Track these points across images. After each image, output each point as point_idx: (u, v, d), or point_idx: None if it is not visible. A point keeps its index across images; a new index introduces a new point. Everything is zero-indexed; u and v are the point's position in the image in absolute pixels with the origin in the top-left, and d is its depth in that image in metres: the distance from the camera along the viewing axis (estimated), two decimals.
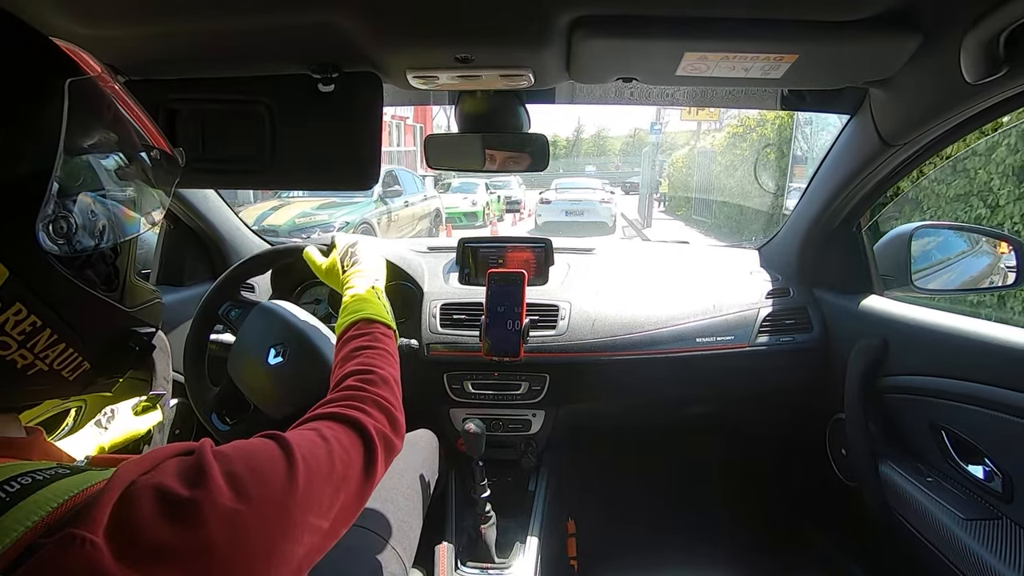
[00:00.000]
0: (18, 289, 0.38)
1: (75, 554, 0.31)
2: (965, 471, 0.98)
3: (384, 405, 0.62)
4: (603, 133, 45.83)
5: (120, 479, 0.36)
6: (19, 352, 0.39)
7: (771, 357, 1.36)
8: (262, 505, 0.40)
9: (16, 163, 0.38)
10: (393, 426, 0.61)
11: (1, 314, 0.38)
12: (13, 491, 0.33)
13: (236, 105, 0.89)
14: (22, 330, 0.39)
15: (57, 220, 0.40)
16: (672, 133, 21.54)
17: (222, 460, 0.40)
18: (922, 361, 1.07)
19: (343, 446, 0.52)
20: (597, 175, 26.30)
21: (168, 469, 0.38)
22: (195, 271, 1.50)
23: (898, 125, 0.97)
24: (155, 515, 0.35)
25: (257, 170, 0.91)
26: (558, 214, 11.55)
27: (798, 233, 1.41)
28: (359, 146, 0.89)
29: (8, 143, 0.37)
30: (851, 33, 0.71)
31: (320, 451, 0.49)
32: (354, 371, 0.65)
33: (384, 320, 0.77)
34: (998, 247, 1.38)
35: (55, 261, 0.41)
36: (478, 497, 1.19)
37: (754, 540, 1.61)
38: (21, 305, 0.39)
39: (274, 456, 0.44)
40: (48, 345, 0.41)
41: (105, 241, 0.45)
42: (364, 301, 0.80)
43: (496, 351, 1.23)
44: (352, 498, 0.52)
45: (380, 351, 0.70)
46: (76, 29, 0.70)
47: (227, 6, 0.69)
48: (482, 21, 0.71)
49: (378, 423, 0.58)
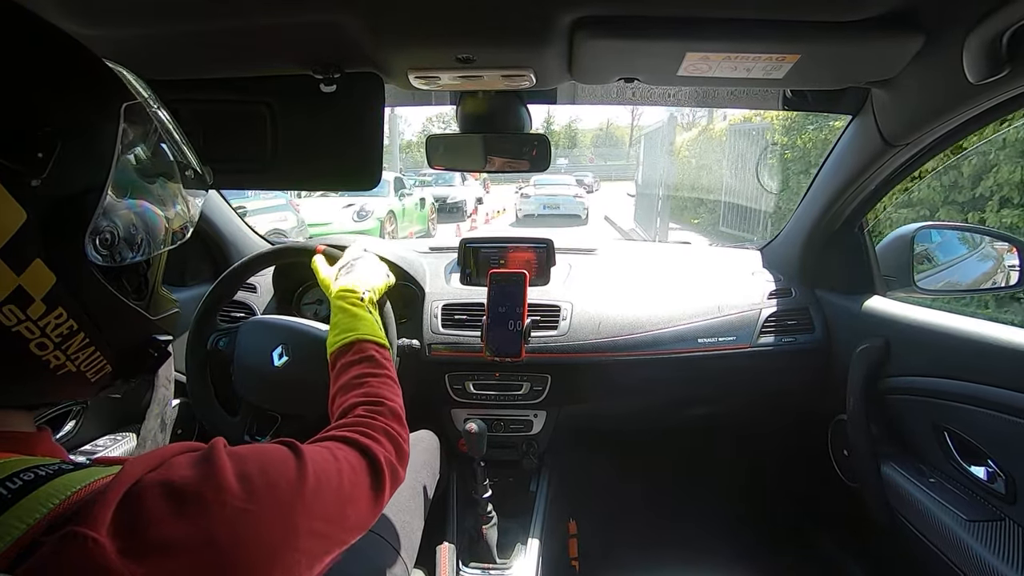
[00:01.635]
0: (62, 295, 0.40)
1: (76, 552, 0.31)
2: (968, 472, 0.98)
3: (394, 436, 0.63)
4: (573, 125, 44.55)
5: (127, 476, 0.36)
6: (54, 353, 0.41)
7: (773, 358, 1.36)
8: (270, 506, 0.41)
9: (72, 178, 0.40)
10: (400, 458, 0.63)
11: (45, 317, 0.40)
12: (15, 487, 0.33)
13: (238, 105, 0.89)
14: (60, 332, 0.41)
15: (103, 232, 0.43)
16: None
17: (235, 459, 0.41)
18: (924, 362, 1.07)
19: (352, 467, 0.54)
20: (570, 168, 25.92)
21: (178, 464, 0.39)
22: (197, 271, 1.50)
23: (900, 125, 0.97)
24: (162, 510, 0.35)
25: (259, 170, 0.91)
26: (536, 207, 12.81)
27: (800, 233, 1.41)
28: (360, 146, 0.89)
29: (67, 159, 0.39)
30: (853, 33, 0.71)
31: (331, 467, 0.50)
32: (363, 402, 0.66)
33: (378, 340, 0.77)
34: (1001, 248, 1.37)
35: (97, 270, 0.43)
36: (479, 497, 1.19)
37: (756, 541, 1.60)
38: (63, 309, 0.41)
39: (288, 462, 0.45)
40: (80, 348, 0.43)
41: (142, 254, 0.47)
42: (356, 319, 0.79)
43: (497, 351, 1.23)
44: (359, 518, 0.53)
45: (384, 379, 0.71)
46: (77, 29, 0.70)
47: (229, 6, 0.69)
48: (484, 21, 0.71)
49: (387, 453, 0.60)
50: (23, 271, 0.38)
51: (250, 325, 1.10)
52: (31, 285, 0.38)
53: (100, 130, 0.42)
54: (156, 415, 1.19)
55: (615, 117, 44.68)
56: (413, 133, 35.02)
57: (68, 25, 0.69)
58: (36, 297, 0.39)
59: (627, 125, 38.10)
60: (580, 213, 12.97)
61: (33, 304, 0.39)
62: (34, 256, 0.38)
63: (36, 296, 0.39)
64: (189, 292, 1.43)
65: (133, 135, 0.45)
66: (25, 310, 0.38)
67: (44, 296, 0.39)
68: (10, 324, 0.38)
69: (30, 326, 0.39)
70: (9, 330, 0.38)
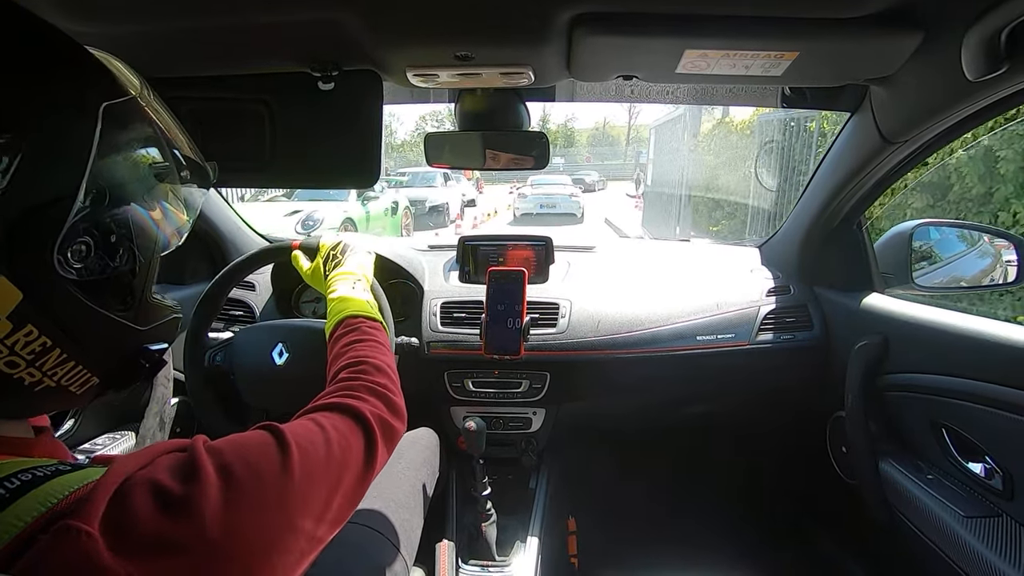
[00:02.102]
0: (30, 312, 0.38)
1: (71, 545, 0.31)
2: (965, 469, 0.98)
3: (378, 391, 0.62)
4: (570, 124, 43.59)
5: (116, 473, 0.36)
6: (27, 371, 0.39)
7: (771, 355, 1.36)
8: (257, 495, 0.40)
9: (36, 187, 0.36)
10: (392, 409, 0.61)
11: (11, 335, 0.37)
12: (13, 487, 0.33)
13: (236, 103, 0.89)
14: (31, 350, 0.38)
15: (76, 245, 0.39)
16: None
17: (215, 454, 0.40)
18: (923, 359, 1.07)
19: (340, 432, 0.52)
20: (568, 168, 25.89)
21: (161, 465, 0.38)
22: (196, 269, 1.50)
23: (899, 122, 0.97)
24: (150, 509, 0.35)
25: (257, 168, 0.91)
26: (533, 206, 13.22)
27: (799, 230, 1.41)
28: (359, 144, 0.89)
29: (30, 165, 0.35)
30: (852, 30, 0.71)
31: (317, 438, 0.49)
32: (345, 364, 0.66)
33: (368, 314, 0.77)
34: (999, 245, 1.38)
35: (71, 285, 0.40)
36: (479, 495, 1.19)
37: (754, 538, 1.61)
38: (32, 327, 0.38)
39: (267, 445, 0.44)
40: (57, 363, 0.41)
41: (125, 264, 0.44)
42: (345, 300, 0.81)
43: (496, 349, 1.23)
44: (354, 482, 0.52)
45: (368, 342, 0.71)
46: (73, 27, 0.70)
47: (227, 3, 0.69)
48: (482, 19, 0.71)
49: (375, 408, 0.59)
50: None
51: (243, 335, 1.10)
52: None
53: (72, 133, 0.39)
54: (155, 414, 1.19)
55: (612, 116, 44.05)
56: (406, 132, 34.74)
57: (64, 22, 0.69)
58: (0, 315, 0.36)
59: (624, 124, 37.80)
60: (576, 212, 13.39)
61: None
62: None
63: (0, 314, 0.36)
64: (189, 290, 1.43)
65: (118, 135, 0.42)
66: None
67: (9, 314, 0.36)
68: None
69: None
70: None
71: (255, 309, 1.43)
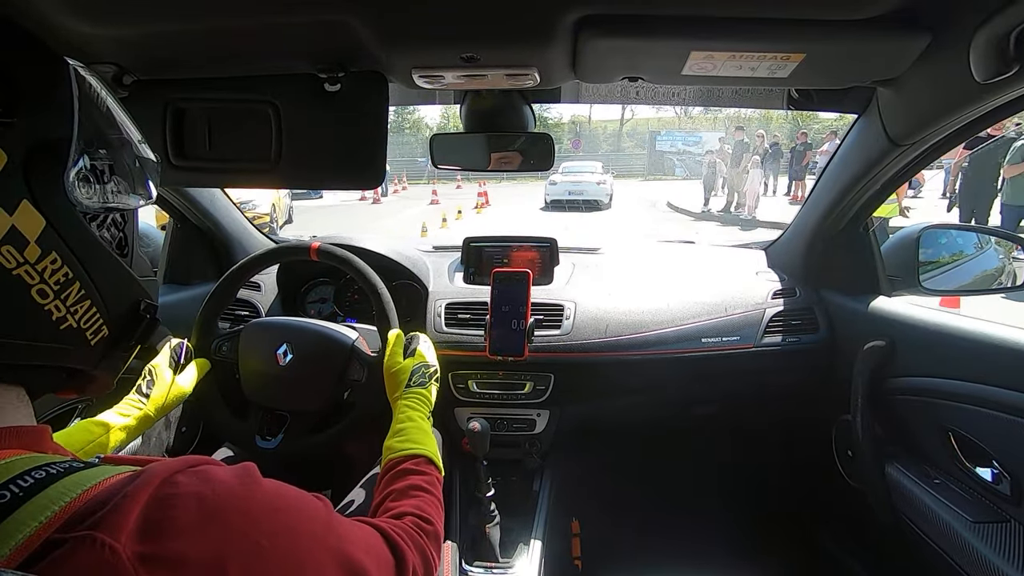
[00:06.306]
0: (54, 238, 0.41)
1: (94, 557, 0.31)
2: (973, 473, 0.98)
3: (429, 560, 0.64)
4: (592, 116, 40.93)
5: (151, 478, 0.36)
6: (54, 303, 0.42)
7: (777, 357, 1.36)
8: (284, 549, 0.40)
9: (41, 128, 0.41)
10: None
11: (41, 261, 0.40)
12: (27, 486, 0.34)
13: (243, 105, 0.90)
14: (57, 279, 0.42)
15: (83, 174, 0.44)
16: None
17: (271, 493, 0.42)
18: (929, 363, 1.06)
19: (379, 557, 0.54)
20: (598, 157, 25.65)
21: (216, 478, 0.38)
22: (202, 270, 1.51)
23: (906, 125, 0.96)
24: (190, 520, 0.35)
25: (263, 169, 0.91)
26: (563, 193, 13.67)
27: (805, 233, 1.40)
28: (364, 145, 0.89)
29: (32, 114, 0.41)
30: (859, 32, 0.71)
31: (359, 531, 0.52)
32: (414, 513, 0.68)
33: (438, 463, 0.81)
34: (1007, 248, 1.37)
35: (82, 216, 0.44)
36: (482, 496, 1.19)
37: (760, 541, 1.60)
38: (56, 254, 0.42)
39: (317, 510, 0.46)
40: (77, 299, 0.44)
41: (118, 198, 0.48)
42: (425, 434, 0.85)
43: (501, 350, 1.23)
44: None
45: (435, 502, 0.74)
46: (83, 28, 0.70)
47: (234, 6, 0.69)
48: (488, 20, 0.71)
49: (416, 570, 0.60)
50: (13, 211, 0.39)
51: (252, 328, 1.11)
52: (23, 226, 0.39)
53: (54, 86, 0.43)
54: None
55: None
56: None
57: (74, 24, 0.69)
58: (30, 239, 0.40)
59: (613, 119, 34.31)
60: (603, 198, 13.83)
61: (29, 246, 0.39)
62: (21, 197, 0.39)
63: (30, 238, 0.40)
64: (195, 291, 1.43)
65: (86, 97, 0.46)
66: (22, 252, 0.39)
67: (37, 239, 0.40)
68: (11, 267, 0.39)
69: (29, 270, 0.40)
70: (10, 272, 0.39)
71: (260, 309, 1.44)
